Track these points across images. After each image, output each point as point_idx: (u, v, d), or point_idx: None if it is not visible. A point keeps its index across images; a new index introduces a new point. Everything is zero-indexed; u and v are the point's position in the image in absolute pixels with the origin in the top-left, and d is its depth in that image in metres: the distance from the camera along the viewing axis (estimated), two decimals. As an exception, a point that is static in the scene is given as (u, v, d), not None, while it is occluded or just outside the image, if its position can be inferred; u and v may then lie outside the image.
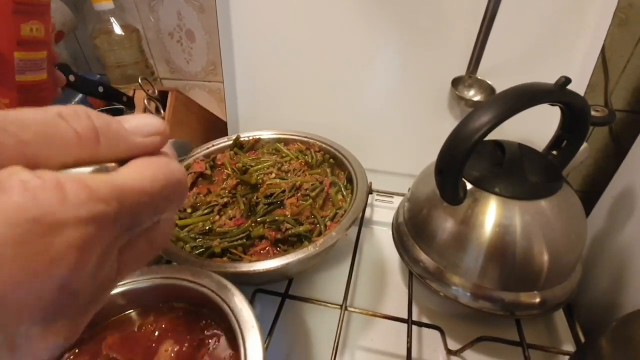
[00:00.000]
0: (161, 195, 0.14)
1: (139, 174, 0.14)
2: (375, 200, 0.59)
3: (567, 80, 0.33)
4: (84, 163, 0.13)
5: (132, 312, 0.32)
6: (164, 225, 0.16)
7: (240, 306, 0.29)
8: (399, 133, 0.59)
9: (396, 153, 0.60)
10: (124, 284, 0.31)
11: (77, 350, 0.29)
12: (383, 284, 0.47)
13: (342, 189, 0.46)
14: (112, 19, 0.61)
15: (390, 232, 0.47)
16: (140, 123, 0.15)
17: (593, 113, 0.40)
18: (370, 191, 0.57)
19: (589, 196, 0.68)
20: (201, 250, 0.38)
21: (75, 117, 0.13)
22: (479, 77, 0.51)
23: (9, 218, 0.10)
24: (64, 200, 0.11)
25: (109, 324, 0.31)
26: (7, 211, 0.10)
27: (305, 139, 0.54)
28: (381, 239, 0.54)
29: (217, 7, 0.54)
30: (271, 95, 0.61)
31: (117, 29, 0.61)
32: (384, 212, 0.57)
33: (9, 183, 0.11)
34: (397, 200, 0.57)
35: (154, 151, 0.15)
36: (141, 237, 0.15)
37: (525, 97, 0.32)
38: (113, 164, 0.14)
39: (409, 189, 0.56)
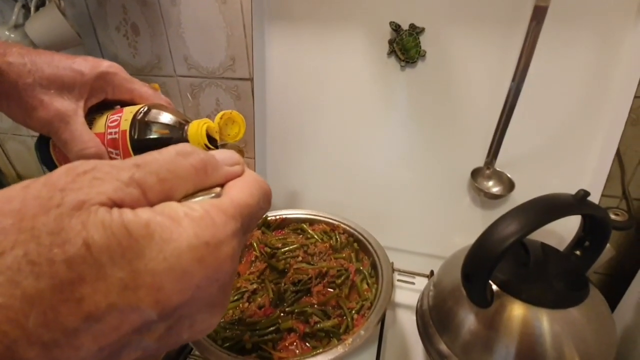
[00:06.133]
0: (259, 204, 0.19)
1: (242, 193, 0.18)
2: (397, 280, 0.59)
3: (586, 193, 0.35)
4: (199, 190, 0.18)
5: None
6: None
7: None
8: (418, 215, 0.61)
9: (416, 233, 0.62)
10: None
11: None
12: (408, 376, 0.47)
13: (367, 278, 0.47)
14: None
15: (413, 316, 0.47)
16: (224, 156, 0.20)
17: (613, 217, 0.41)
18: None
19: (614, 280, 0.67)
20: (232, 342, 0.39)
21: (188, 154, 0.17)
22: (498, 169, 0.53)
23: (192, 244, 0.14)
24: (215, 225, 0.15)
25: None
26: (189, 238, 0.14)
27: (330, 220, 0.56)
28: (404, 322, 0.53)
29: (254, 97, 0.59)
30: (298, 176, 0.65)
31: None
32: (406, 294, 0.57)
33: (177, 215, 0.15)
34: (418, 281, 0.58)
35: (239, 175, 0.20)
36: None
37: (546, 212, 0.34)
38: (218, 189, 0.19)
39: (432, 271, 0.57)
